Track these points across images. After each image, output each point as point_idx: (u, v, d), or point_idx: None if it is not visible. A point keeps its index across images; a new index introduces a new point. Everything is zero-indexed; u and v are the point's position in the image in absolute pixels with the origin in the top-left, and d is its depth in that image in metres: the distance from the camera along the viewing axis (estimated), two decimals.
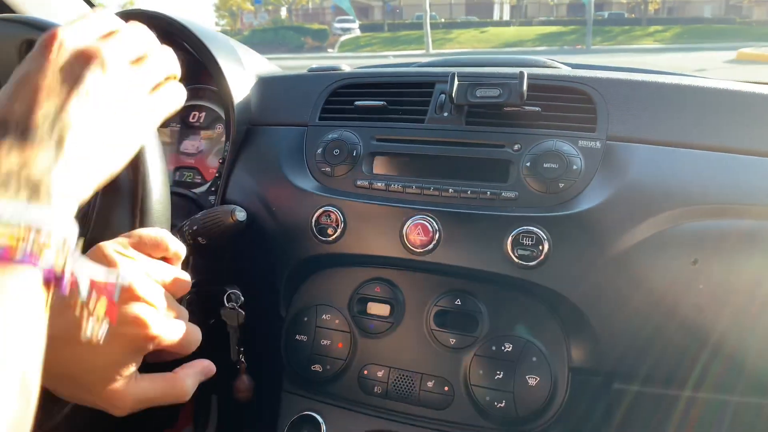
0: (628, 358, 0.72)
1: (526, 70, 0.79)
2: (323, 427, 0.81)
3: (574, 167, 0.74)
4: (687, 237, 0.69)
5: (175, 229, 0.78)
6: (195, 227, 0.77)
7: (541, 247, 0.71)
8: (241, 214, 0.75)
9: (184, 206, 0.93)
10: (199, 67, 1.00)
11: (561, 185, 0.74)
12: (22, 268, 0.36)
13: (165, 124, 1.09)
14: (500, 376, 0.73)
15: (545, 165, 0.75)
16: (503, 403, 0.73)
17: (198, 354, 0.93)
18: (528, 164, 0.76)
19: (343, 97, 0.91)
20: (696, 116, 0.76)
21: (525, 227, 0.72)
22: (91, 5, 1.24)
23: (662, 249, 0.70)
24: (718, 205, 0.69)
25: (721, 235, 0.69)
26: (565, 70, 0.95)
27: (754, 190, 0.70)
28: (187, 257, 0.85)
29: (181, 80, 1.03)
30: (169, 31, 0.95)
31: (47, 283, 0.38)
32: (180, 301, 0.60)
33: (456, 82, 0.80)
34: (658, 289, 0.70)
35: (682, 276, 0.69)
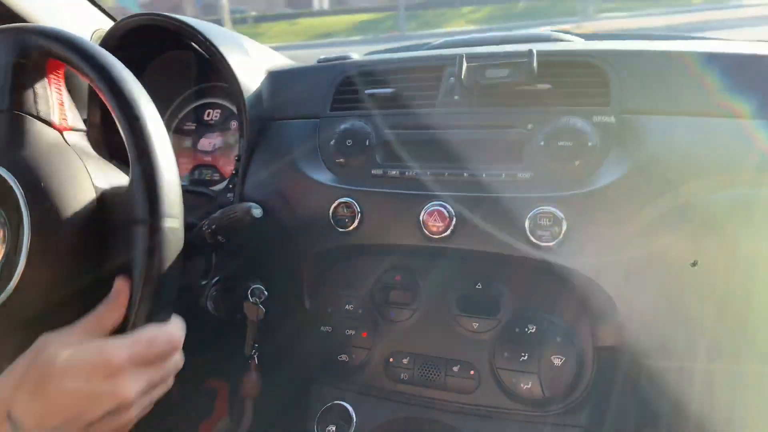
0: (653, 333, 0.72)
1: (535, 47, 0.78)
2: (353, 415, 0.82)
3: (590, 143, 0.73)
4: (708, 208, 0.68)
5: (195, 228, 0.79)
6: (214, 226, 0.78)
7: (559, 227, 0.71)
8: (257, 211, 0.76)
9: (203, 204, 0.95)
10: (210, 64, 1.01)
11: (576, 162, 0.73)
12: None
13: (181, 126, 1.11)
14: (525, 358, 0.73)
15: (560, 143, 0.74)
16: (529, 385, 0.73)
17: (227, 350, 0.96)
18: (542, 143, 0.75)
19: (353, 86, 0.91)
20: (711, 83, 0.74)
21: (542, 207, 0.72)
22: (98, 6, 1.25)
23: (683, 222, 0.69)
24: (738, 175, 0.68)
25: (744, 204, 0.67)
26: (577, 44, 0.93)
27: None
28: (209, 255, 0.88)
29: (193, 79, 1.03)
30: (178, 31, 0.96)
31: None
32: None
33: (465, 65, 0.79)
34: (681, 263, 0.69)
35: (705, 248, 0.68)
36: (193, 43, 0.95)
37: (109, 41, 0.97)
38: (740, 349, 0.71)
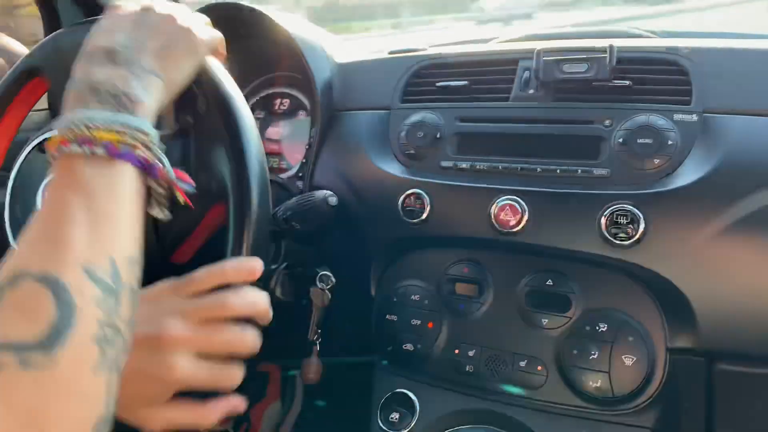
0: (731, 338, 0.70)
1: (615, 42, 0.77)
2: (417, 404, 0.83)
3: (670, 142, 0.72)
4: None
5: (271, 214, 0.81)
6: (289, 212, 0.79)
7: (636, 226, 0.70)
8: (333, 199, 0.78)
9: (273, 192, 0.97)
10: (281, 54, 1.03)
11: (656, 161, 0.72)
12: (121, 163, 0.45)
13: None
14: (595, 356, 0.73)
15: (639, 140, 0.73)
16: (598, 383, 0.73)
17: (285, 333, 0.98)
18: (620, 140, 0.74)
19: (424, 78, 0.91)
20: None
21: (619, 205, 0.71)
22: None
23: (764, 226, 0.67)
24: None
25: None
26: (655, 40, 0.91)
27: None
28: (279, 241, 0.90)
29: (263, 68, 1.05)
30: (251, 21, 0.98)
31: (142, 171, 0.47)
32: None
33: (542, 59, 0.79)
34: (761, 267, 0.68)
35: None
36: (269, 34, 0.97)
37: None
38: None
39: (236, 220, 0.61)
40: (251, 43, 1.07)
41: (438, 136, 0.84)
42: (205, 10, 0.98)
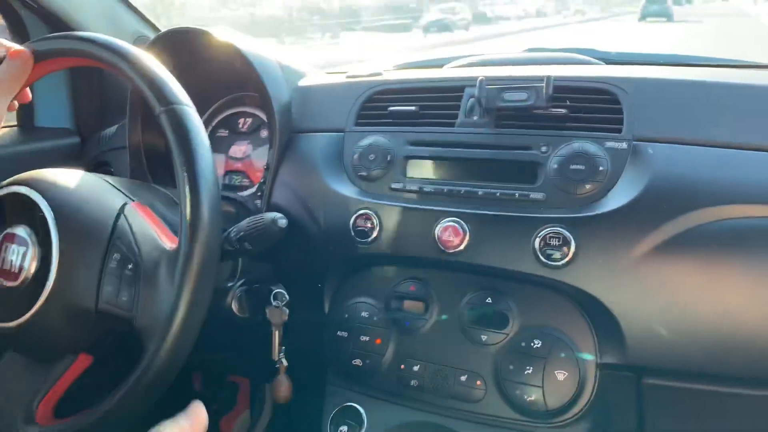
0: (657, 354, 0.74)
1: (553, 71, 0.81)
2: (364, 417, 0.86)
3: (601, 168, 0.76)
4: (712, 236, 0.70)
5: (224, 234, 0.84)
6: (241, 233, 0.83)
7: (567, 248, 0.74)
8: (282, 222, 0.81)
9: (231, 209, 1.00)
10: (243, 75, 1.06)
11: (588, 186, 0.76)
12: None
13: (214, 132, 1.17)
14: (530, 371, 0.77)
15: (572, 167, 0.77)
16: (533, 397, 0.76)
17: (244, 352, 1.00)
18: (555, 166, 0.78)
19: (377, 102, 0.95)
20: (724, 113, 0.76)
21: (552, 227, 0.75)
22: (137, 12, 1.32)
23: (688, 248, 0.71)
24: (744, 205, 0.70)
25: (747, 233, 0.70)
26: (597, 68, 0.95)
27: None
28: (236, 259, 0.93)
29: (227, 88, 1.08)
30: (207, 44, 1.01)
31: None
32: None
33: (485, 87, 0.83)
34: (685, 287, 0.72)
35: (707, 274, 0.70)
36: (227, 57, 1.01)
37: (154, 48, 1.03)
38: (748, 374, 0.72)
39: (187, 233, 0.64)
40: (213, 65, 1.10)
41: (389, 158, 0.88)
42: (162, 37, 1.01)
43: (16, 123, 1.30)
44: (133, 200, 0.76)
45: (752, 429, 0.74)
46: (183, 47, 1.02)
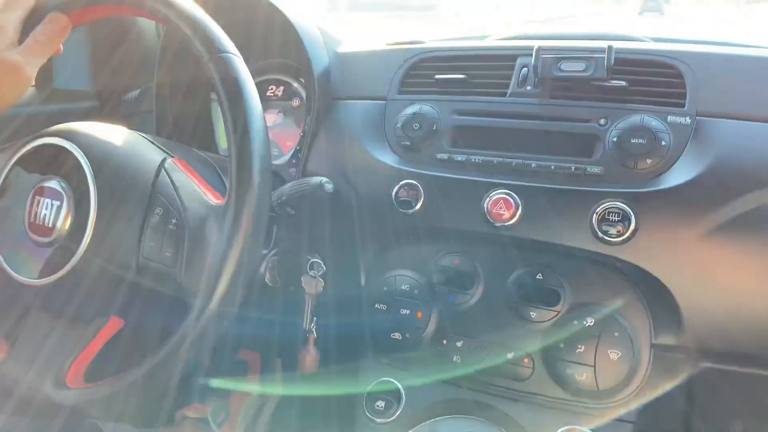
0: (715, 337, 0.72)
1: (612, 44, 0.78)
2: (402, 393, 0.83)
3: (663, 143, 0.73)
4: None
5: None
6: (284, 198, 0.79)
7: (627, 224, 0.71)
8: (329, 186, 0.78)
9: None
10: (276, 40, 1.02)
11: (649, 161, 0.73)
12: None
13: None
14: (581, 350, 0.74)
15: (633, 140, 0.74)
16: (584, 377, 0.74)
17: (272, 322, 0.98)
18: (615, 139, 0.75)
19: (422, 70, 0.91)
20: None
21: (611, 203, 0.72)
22: None
23: (753, 228, 0.69)
24: None
25: None
26: (651, 44, 0.92)
27: None
28: (270, 227, 0.90)
29: (258, 53, 1.04)
30: (252, 4, 0.97)
31: None
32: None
33: (540, 56, 0.80)
34: (748, 268, 0.69)
35: None
36: (267, 20, 0.97)
37: None
38: None
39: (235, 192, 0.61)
40: (248, 27, 1.06)
41: (434, 128, 0.85)
42: None
43: (33, 84, 1.25)
44: (173, 156, 0.73)
45: None
46: (221, 6, 0.98)
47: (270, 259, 0.91)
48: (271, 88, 1.12)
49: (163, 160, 0.71)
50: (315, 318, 0.89)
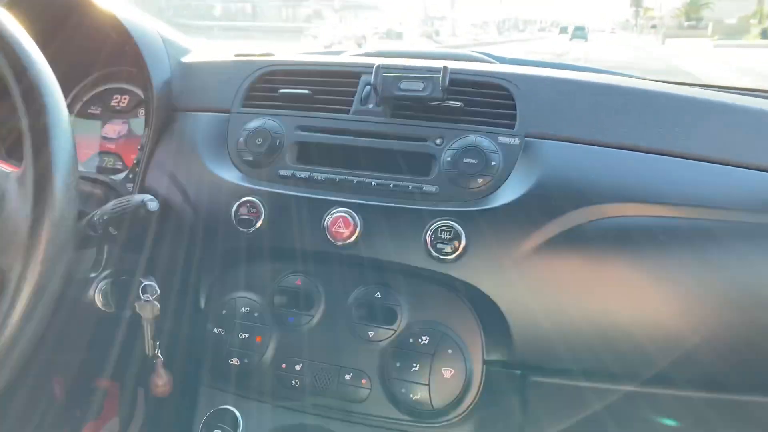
0: (542, 351, 0.74)
1: (450, 64, 0.79)
2: (240, 421, 0.80)
3: (493, 163, 0.75)
4: (596, 234, 0.71)
5: (87, 217, 0.75)
6: (105, 217, 0.74)
7: (458, 242, 0.72)
8: (153, 204, 0.73)
9: (102, 194, 0.90)
10: (121, 49, 0.96)
11: (480, 180, 0.75)
12: None
13: (85, 110, 1.05)
14: (416, 369, 0.74)
15: (465, 160, 0.75)
16: (418, 396, 0.74)
17: (114, 348, 0.91)
18: (449, 159, 0.76)
19: (267, 84, 0.89)
20: (613, 115, 0.78)
21: (444, 221, 0.73)
22: None
23: (573, 245, 0.72)
24: (627, 204, 0.71)
25: (630, 232, 0.71)
26: (492, 66, 0.95)
27: (662, 189, 0.72)
28: (101, 247, 0.83)
29: (101, 61, 0.98)
30: (87, 10, 0.91)
31: None
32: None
33: (381, 74, 0.80)
34: (570, 284, 0.72)
35: (592, 272, 0.71)
36: (104, 25, 0.91)
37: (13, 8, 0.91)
38: (623, 371, 0.74)
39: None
40: (86, 33, 0.99)
41: (278, 143, 0.82)
42: None
43: None
44: None
45: (631, 423, 0.76)
46: (50, 10, 0.90)
47: (101, 281, 0.84)
48: (116, 98, 1.05)
49: None
50: (158, 342, 0.84)
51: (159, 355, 0.84)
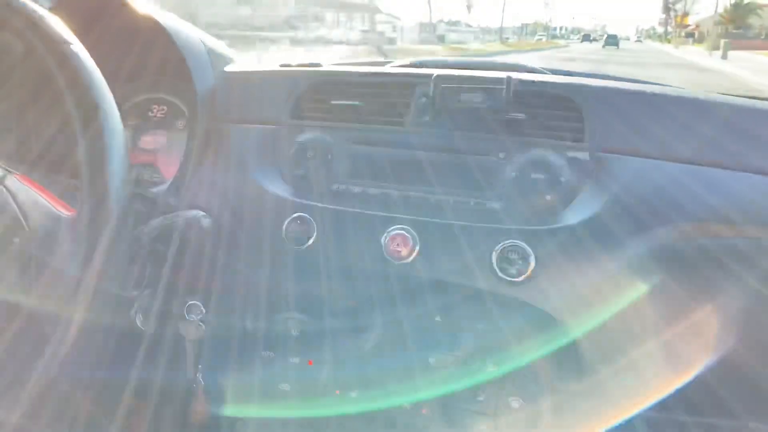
0: (613, 376, 0.69)
1: (512, 74, 0.75)
2: None
3: (562, 179, 0.71)
4: (677, 255, 0.66)
5: (132, 234, 0.71)
6: (154, 234, 0.70)
7: (527, 263, 0.68)
8: (206, 221, 0.69)
9: (141, 208, 0.86)
10: (158, 56, 0.93)
11: (548, 197, 0.71)
12: None
13: (122, 120, 1.01)
14: (482, 398, 0.69)
15: (532, 175, 0.71)
16: (483, 427, 0.69)
17: (151, 369, 0.87)
18: (514, 174, 0.72)
19: (317, 95, 0.85)
20: (685, 128, 0.73)
21: (511, 241, 0.68)
22: None
23: (653, 266, 0.67)
24: (706, 223, 0.67)
25: (710, 252, 0.67)
26: (551, 77, 0.91)
27: (744, 208, 0.68)
28: (143, 265, 0.80)
29: (141, 70, 0.94)
30: (129, 17, 0.88)
31: None
32: None
33: (440, 86, 0.76)
34: (649, 309, 0.68)
35: (674, 293, 0.67)
36: (151, 35, 0.88)
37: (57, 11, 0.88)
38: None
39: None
40: (128, 43, 0.96)
41: (329, 157, 0.79)
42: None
43: None
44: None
45: None
46: (92, 15, 0.87)
47: (143, 299, 0.81)
48: (155, 108, 1.02)
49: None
50: (200, 366, 0.80)
51: (201, 379, 0.80)
